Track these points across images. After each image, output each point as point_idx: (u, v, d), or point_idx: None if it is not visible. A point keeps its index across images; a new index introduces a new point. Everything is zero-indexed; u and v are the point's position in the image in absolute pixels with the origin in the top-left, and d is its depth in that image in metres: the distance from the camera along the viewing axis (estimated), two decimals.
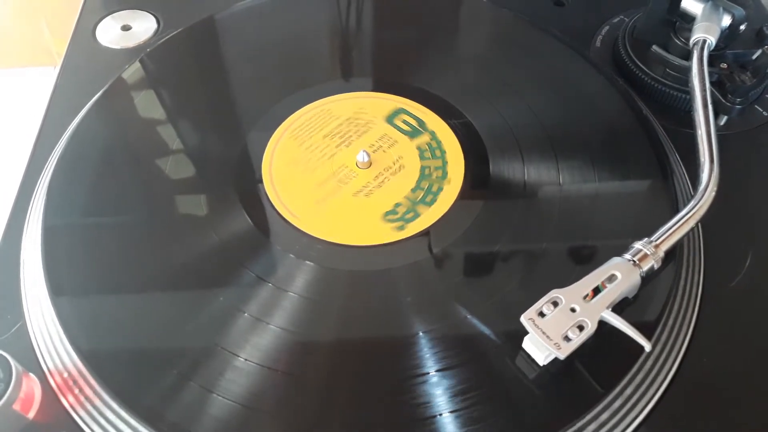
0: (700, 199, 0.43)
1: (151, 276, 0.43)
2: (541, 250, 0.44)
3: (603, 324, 0.38)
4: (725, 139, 0.51)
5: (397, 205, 0.47)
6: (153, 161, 0.50)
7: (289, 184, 0.48)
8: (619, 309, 0.40)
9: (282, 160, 0.49)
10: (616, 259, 0.41)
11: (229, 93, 0.55)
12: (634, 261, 0.40)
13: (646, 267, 0.40)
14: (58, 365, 0.40)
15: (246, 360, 0.39)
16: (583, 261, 0.44)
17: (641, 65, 0.56)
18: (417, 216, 0.46)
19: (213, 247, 0.44)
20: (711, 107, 0.47)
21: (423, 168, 0.49)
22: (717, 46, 0.51)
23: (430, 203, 0.47)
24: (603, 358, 0.39)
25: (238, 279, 0.43)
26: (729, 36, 0.52)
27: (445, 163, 0.49)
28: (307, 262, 0.44)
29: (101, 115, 0.52)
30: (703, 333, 0.42)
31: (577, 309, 0.38)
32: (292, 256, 0.44)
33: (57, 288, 0.42)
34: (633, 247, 0.41)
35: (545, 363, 0.38)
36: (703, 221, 0.43)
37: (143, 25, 0.61)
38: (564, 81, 0.55)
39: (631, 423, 0.39)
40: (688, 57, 0.51)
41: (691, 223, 0.42)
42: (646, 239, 0.41)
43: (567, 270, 0.43)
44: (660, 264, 0.41)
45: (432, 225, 0.46)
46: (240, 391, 0.38)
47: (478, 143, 0.50)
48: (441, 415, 0.37)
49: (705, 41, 0.50)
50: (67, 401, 0.39)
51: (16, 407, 0.36)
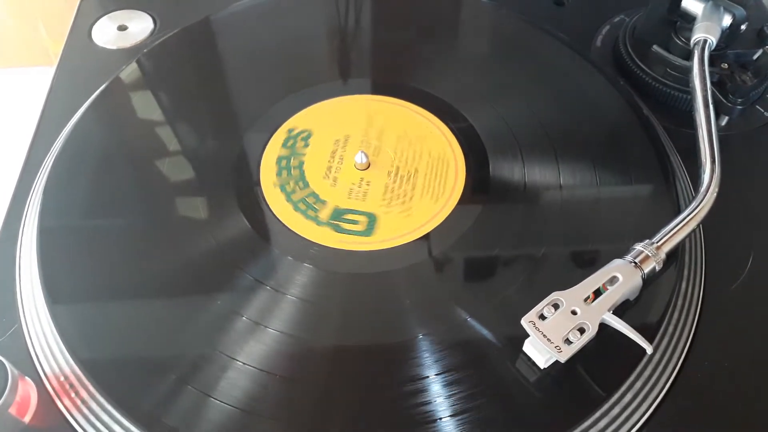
0: (701, 201, 0.43)
1: (148, 279, 0.43)
2: (542, 252, 0.44)
3: (604, 326, 0.38)
4: (726, 140, 0.51)
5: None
6: (150, 163, 0.49)
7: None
8: (621, 311, 0.39)
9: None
10: (617, 261, 0.40)
11: (227, 94, 0.54)
12: (635, 263, 0.40)
13: (647, 269, 0.40)
14: (54, 369, 0.39)
15: (244, 364, 0.39)
16: (584, 263, 0.43)
17: (642, 65, 0.55)
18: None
19: (210, 251, 0.44)
20: (712, 107, 0.47)
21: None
22: (718, 46, 0.51)
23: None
24: (604, 361, 0.39)
25: (235, 282, 0.42)
26: (730, 36, 0.52)
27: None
28: (306, 264, 0.43)
29: (98, 116, 0.52)
30: (705, 335, 0.42)
31: (578, 311, 0.38)
32: (290, 258, 0.44)
33: (53, 291, 0.41)
34: (634, 249, 0.41)
35: (546, 366, 0.38)
36: (705, 222, 0.43)
37: (140, 26, 0.61)
38: (564, 81, 0.54)
39: (633, 426, 0.38)
40: (688, 57, 0.51)
41: (693, 225, 0.42)
42: (647, 241, 0.41)
43: (568, 272, 0.43)
44: (661, 266, 0.40)
45: (432, 228, 0.45)
46: (238, 396, 0.37)
47: (478, 145, 0.50)
48: (441, 420, 0.37)
49: (706, 41, 0.50)
50: (64, 405, 0.39)
51: (12, 411, 0.36)
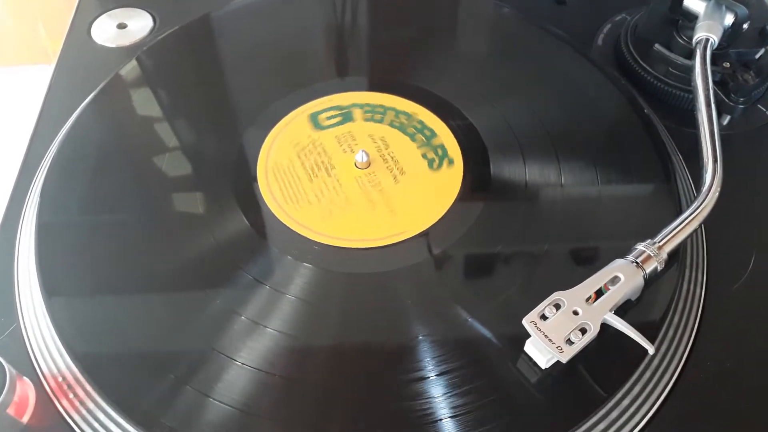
0: (703, 200, 0.42)
1: (147, 278, 0.43)
2: (543, 251, 0.44)
3: (606, 327, 0.38)
4: (728, 139, 0.50)
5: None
6: (149, 161, 0.49)
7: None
8: (622, 311, 0.39)
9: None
10: (618, 261, 0.40)
11: (226, 91, 0.54)
12: (637, 263, 0.40)
13: (649, 269, 0.40)
14: (52, 369, 0.39)
15: (243, 363, 0.38)
16: (586, 263, 0.43)
17: (643, 64, 0.55)
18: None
19: (209, 249, 0.44)
20: (714, 106, 0.47)
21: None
22: (720, 44, 0.50)
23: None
24: (606, 361, 0.39)
25: (234, 281, 0.42)
26: (732, 35, 0.52)
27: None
28: (305, 264, 0.43)
29: (97, 114, 0.52)
30: (707, 336, 0.42)
31: (580, 312, 0.38)
32: (289, 258, 0.43)
33: (51, 290, 0.41)
34: (636, 249, 0.41)
35: (547, 366, 0.38)
36: (706, 222, 0.43)
37: (139, 24, 0.60)
38: (565, 80, 0.54)
39: (635, 427, 0.38)
40: (690, 56, 0.51)
41: (695, 225, 0.42)
42: (649, 241, 0.41)
43: (569, 272, 0.42)
44: (663, 266, 0.40)
45: (432, 226, 0.45)
46: (237, 395, 0.37)
47: (478, 144, 0.50)
48: (441, 420, 0.37)
49: (708, 40, 0.50)
50: (62, 405, 0.38)
51: (10, 411, 0.36)
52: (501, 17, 0.60)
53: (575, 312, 0.38)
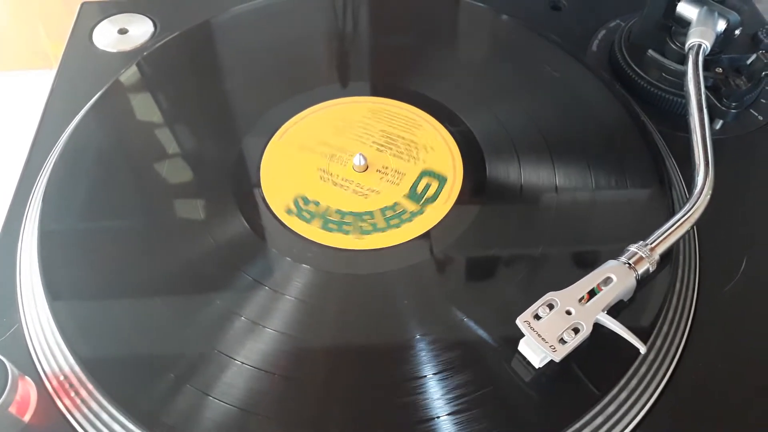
0: (695, 203, 0.43)
1: (148, 279, 0.43)
2: (538, 254, 0.44)
3: (598, 327, 0.38)
4: (720, 143, 0.51)
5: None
6: (150, 165, 0.49)
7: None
8: (615, 312, 0.40)
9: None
10: (611, 262, 0.41)
11: (226, 97, 0.55)
12: (629, 264, 0.40)
13: (641, 270, 0.40)
14: (54, 368, 0.40)
15: (243, 363, 0.39)
16: (579, 264, 0.44)
17: (637, 69, 0.56)
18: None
19: (210, 251, 0.44)
20: (706, 111, 0.48)
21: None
22: (712, 50, 0.51)
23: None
24: (599, 360, 0.39)
25: (235, 283, 0.43)
26: (724, 41, 0.52)
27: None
28: (304, 265, 0.44)
29: (98, 119, 0.52)
30: (699, 336, 0.43)
31: (573, 312, 0.38)
32: (288, 259, 0.44)
33: (54, 291, 0.42)
34: (628, 250, 0.41)
35: (541, 366, 0.38)
36: (699, 225, 0.43)
37: (140, 29, 0.61)
38: (560, 85, 0.55)
39: (627, 426, 0.39)
40: (683, 61, 0.51)
41: (686, 227, 0.42)
42: (641, 242, 0.41)
43: (563, 273, 0.43)
44: (655, 267, 0.41)
45: (429, 229, 0.46)
46: (237, 395, 0.38)
47: (475, 148, 0.50)
48: (438, 418, 0.37)
49: (700, 46, 0.50)
50: (64, 405, 0.39)
51: (12, 410, 0.36)
52: (497, 23, 0.61)
53: (568, 312, 0.38)
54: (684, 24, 0.53)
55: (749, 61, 0.53)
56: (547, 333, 0.37)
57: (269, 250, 0.45)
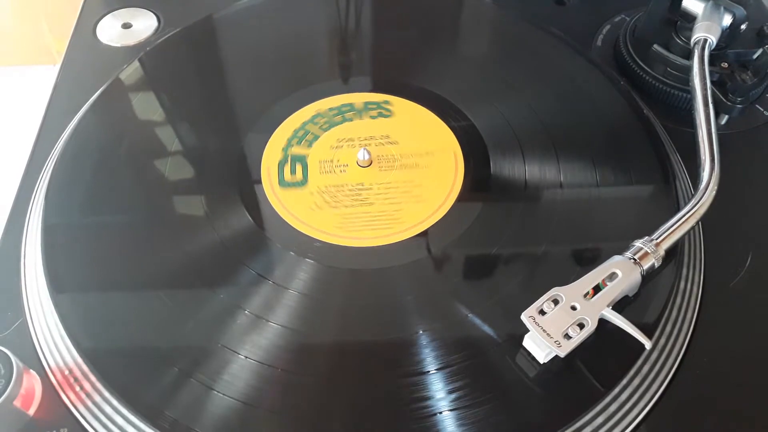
0: (700, 198, 0.43)
1: (152, 274, 0.43)
2: (543, 249, 0.44)
3: (603, 322, 0.38)
4: (726, 139, 0.51)
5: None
6: (152, 160, 0.49)
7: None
8: (620, 307, 0.40)
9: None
10: (616, 258, 0.41)
11: (229, 92, 0.55)
12: (634, 259, 0.40)
13: (646, 265, 0.40)
14: (58, 362, 0.40)
15: (246, 357, 0.39)
16: (584, 260, 0.44)
17: (642, 64, 0.56)
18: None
19: (213, 245, 0.44)
20: (712, 106, 0.47)
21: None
22: (718, 45, 0.51)
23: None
24: (604, 356, 0.39)
25: (238, 277, 0.43)
26: (730, 35, 0.52)
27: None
28: (308, 260, 0.44)
29: (100, 115, 0.52)
30: (704, 332, 0.42)
31: (578, 307, 0.38)
32: (292, 253, 0.44)
33: (57, 285, 0.42)
34: (634, 246, 0.41)
35: (546, 361, 0.38)
36: (704, 220, 0.43)
37: (144, 23, 0.61)
38: (565, 80, 0.55)
39: (632, 422, 0.39)
40: (689, 56, 0.51)
41: (692, 222, 0.42)
42: (646, 237, 0.41)
43: (568, 269, 0.43)
44: (660, 262, 0.41)
45: (433, 224, 0.46)
46: (240, 389, 0.38)
47: (479, 143, 0.50)
48: (441, 413, 0.37)
49: (706, 40, 0.50)
50: (68, 398, 0.39)
51: (16, 404, 0.37)
52: (501, 18, 0.61)
53: (573, 307, 0.38)
54: (689, 19, 0.53)
55: (755, 56, 0.53)
56: (552, 328, 0.37)
57: (272, 244, 0.45)
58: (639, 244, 0.41)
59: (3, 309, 0.43)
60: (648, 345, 0.37)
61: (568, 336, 0.37)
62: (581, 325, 0.38)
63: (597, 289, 0.39)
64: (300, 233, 0.45)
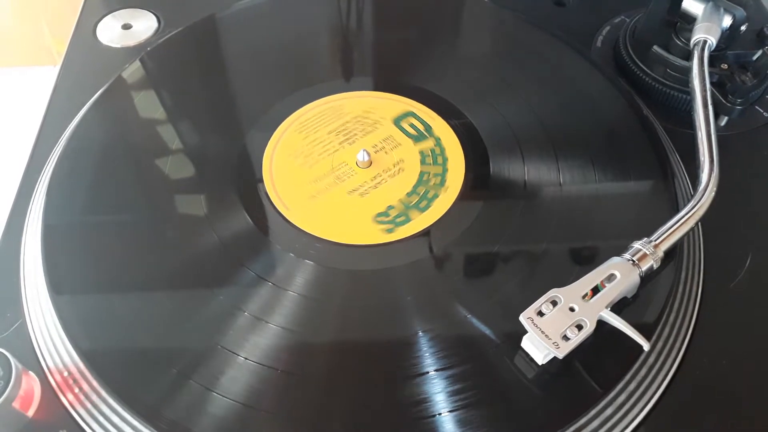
0: (699, 200, 0.43)
1: (151, 275, 0.43)
2: (541, 250, 0.44)
3: (602, 323, 0.38)
4: (725, 140, 0.51)
5: (390, 208, 0.47)
6: (153, 160, 0.50)
7: (289, 181, 0.48)
8: (618, 309, 0.40)
9: (282, 158, 0.49)
10: (615, 259, 0.41)
11: (230, 92, 0.55)
12: (633, 261, 0.40)
13: (645, 267, 0.40)
14: (57, 363, 0.40)
15: (245, 359, 0.39)
16: (583, 261, 0.44)
17: (642, 65, 0.56)
18: (408, 221, 0.46)
19: (213, 246, 0.44)
20: (711, 108, 0.47)
21: (422, 173, 0.49)
22: (718, 46, 0.51)
23: (423, 209, 0.46)
24: (602, 357, 0.39)
25: (237, 278, 0.43)
26: (730, 37, 0.52)
27: (445, 171, 0.48)
28: (307, 261, 0.44)
29: (101, 115, 0.52)
30: (703, 333, 0.42)
31: (576, 308, 0.38)
32: (291, 255, 0.44)
33: (57, 286, 0.42)
34: (632, 247, 0.41)
35: (544, 362, 0.38)
36: (703, 221, 0.43)
37: (144, 24, 0.61)
38: (565, 81, 0.55)
39: (630, 423, 0.39)
40: (688, 57, 0.51)
41: (691, 223, 0.42)
42: (645, 239, 0.41)
43: (567, 270, 0.43)
44: (659, 264, 0.41)
45: (432, 225, 0.46)
46: (239, 390, 0.38)
47: (478, 143, 0.50)
48: (440, 414, 0.37)
49: (706, 42, 0.50)
50: (67, 399, 0.39)
51: (15, 405, 0.37)
52: (501, 19, 0.61)
53: (572, 308, 0.38)
54: (689, 20, 0.53)
55: (755, 57, 0.52)
56: (551, 330, 0.37)
57: (272, 245, 0.45)
58: (638, 245, 0.41)
59: (2, 310, 0.43)
60: (646, 346, 0.37)
61: (566, 337, 0.37)
62: (579, 327, 0.38)
63: (595, 291, 0.39)
64: (301, 233, 0.45)
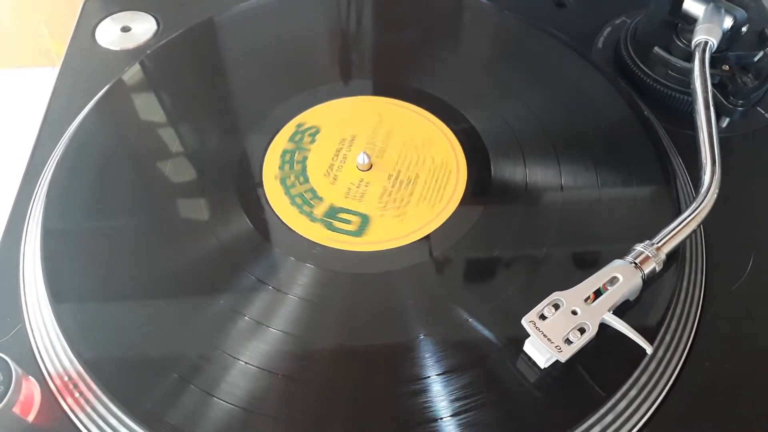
0: (701, 202, 0.43)
1: (151, 279, 0.43)
2: (543, 253, 0.44)
3: (604, 327, 0.38)
4: (727, 141, 0.51)
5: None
6: (153, 164, 0.49)
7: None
8: (621, 312, 0.39)
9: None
10: (617, 262, 0.40)
11: (230, 95, 0.55)
12: (635, 263, 0.40)
13: (647, 269, 0.40)
14: (57, 368, 0.40)
15: (246, 363, 0.39)
16: (585, 264, 0.43)
17: (643, 67, 0.55)
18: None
19: (213, 251, 0.44)
20: (713, 109, 0.47)
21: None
22: (719, 47, 0.51)
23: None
24: (605, 361, 0.39)
25: (238, 282, 0.43)
26: (731, 38, 0.52)
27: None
28: (308, 264, 0.43)
29: (101, 118, 0.52)
30: (705, 336, 0.42)
31: (579, 311, 0.38)
32: (292, 258, 0.44)
33: (56, 291, 0.42)
34: (635, 250, 0.41)
35: (546, 366, 0.38)
36: (705, 224, 0.43)
37: (143, 27, 0.61)
38: (566, 83, 0.54)
39: (633, 427, 0.38)
40: (689, 59, 0.51)
41: (693, 226, 0.42)
42: (647, 241, 0.41)
43: (569, 273, 0.43)
44: (662, 266, 0.41)
45: (434, 229, 0.45)
46: (240, 395, 0.38)
47: (479, 146, 0.50)
48: (442, 419, 0.37)
49: (707, 43, 0.50)
50: (67, 404, 0.39)
51: (15, 410, 0.36)
52: (502, 20, 0.61)
53: (574, 312, 0.38)
54: (690, 21, 0.53)
55: (756, 58, 0.52)
56: (553, 333, 0.37)
57: (273, 249, 0.44)
58: (640, 248, 0.41)
59: (2, 315, 0.42)
60: (649, 350, 0.37)
61: (568, 341, 0.37)
62: (582, 330, 0.38)
63: (598, 294, 0.39)
64: (301, 237, 0.45)
